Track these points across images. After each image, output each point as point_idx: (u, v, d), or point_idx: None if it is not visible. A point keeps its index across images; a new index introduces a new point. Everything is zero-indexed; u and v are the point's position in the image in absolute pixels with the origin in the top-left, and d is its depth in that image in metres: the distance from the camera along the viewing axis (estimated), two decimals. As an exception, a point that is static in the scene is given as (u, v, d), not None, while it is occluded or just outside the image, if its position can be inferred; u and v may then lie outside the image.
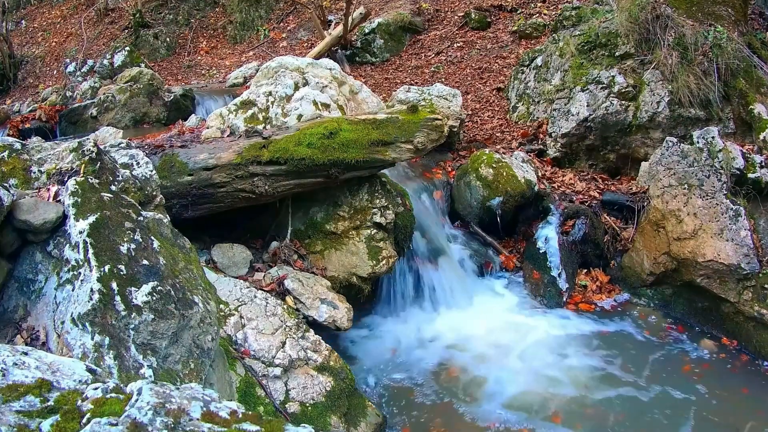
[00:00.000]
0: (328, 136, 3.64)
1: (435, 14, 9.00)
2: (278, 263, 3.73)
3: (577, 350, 3.92)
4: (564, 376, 3.66)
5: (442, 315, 4.26)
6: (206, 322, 2.03)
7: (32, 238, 1.99)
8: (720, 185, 4.12)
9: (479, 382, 3.60)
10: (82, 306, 1.75)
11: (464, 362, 3.80)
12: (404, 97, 5.77)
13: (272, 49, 9.36)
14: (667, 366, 3.77)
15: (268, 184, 3.56)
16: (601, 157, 5.34)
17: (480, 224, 4.88)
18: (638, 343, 4.01)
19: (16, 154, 2.34)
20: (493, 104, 6.62)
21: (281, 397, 2.77)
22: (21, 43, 10.67)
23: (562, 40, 5.75)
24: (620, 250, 4.73)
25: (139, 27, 9.92)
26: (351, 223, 3.93)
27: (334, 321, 3.38)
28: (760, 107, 4.66)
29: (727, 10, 5.11)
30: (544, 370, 3.71)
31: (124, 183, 2.34)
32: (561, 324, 4.19)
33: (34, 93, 9.07)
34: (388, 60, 8.33)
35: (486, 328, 4.11)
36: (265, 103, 4.55)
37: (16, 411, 1.05)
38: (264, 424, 1.10)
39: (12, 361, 1.15)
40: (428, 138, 3.95)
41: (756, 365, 3.79)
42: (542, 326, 4.16)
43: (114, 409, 1.06)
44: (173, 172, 3.45)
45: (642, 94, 5.03)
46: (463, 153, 5.51)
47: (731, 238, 3.94)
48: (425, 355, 3.89)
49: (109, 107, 6.72)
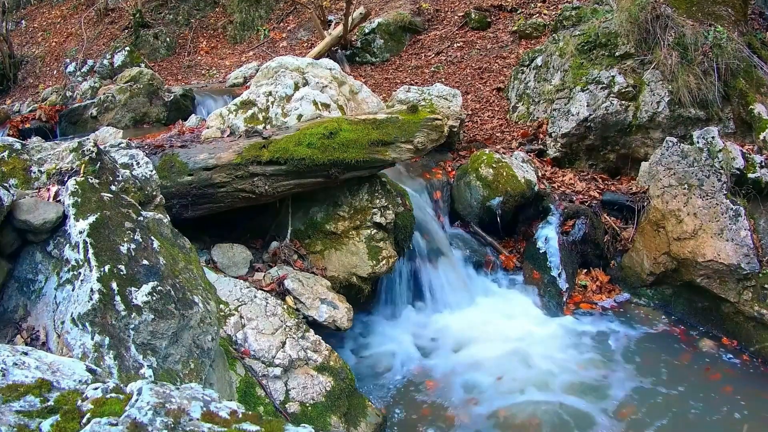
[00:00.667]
0: (328, 136, 3.64)
1: (435, 14, 9.00)
2: (278, 263, 3.73)
3: (577, 350, 3.92)
4: (564, 376, 3.65)
5: (442, 315, 4.26)
6: (206, 322, 2.03)
7: (32, 238, 1.99)
8: (720, 185, 4.12)
9: (479, 383, 3.60)
10: (82, 306, 1.75)
11: (464, 362, 3.80)
12: (404, 97, 5.76)
13: (272, 49, 9.36)
14: (667, 366, 3.76)
15: (268, 184, 3.56)
16: (601, 157, 5.34)
17: (480, 224, 4.88)
18: (638, 343, 4.01)
19: (16, 154, 2.34)
20: (493, 104, 6.62)
21: (281, 397, 2.77)
22: (21, 43, 10.67)
23: (562, 40, 5.75)
24: (620, 250, 4.73)
25: (139, 27, 9.92)
26: (351, 223, 3.93)
27: (334, 321, 3.38)
28: (760, 107, 4.66)
29: (727, 10, 5.11)
30: (544, 370, 3.71)
31: (124, 183, 2.34)
32: (561, 324, 4.19)
33: (34, 93, 9.07)
34: (388, 60, 8.33)
35: (486, 329, 4.10)
36: (265, 103, 4.55)
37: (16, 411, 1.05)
38: (264, 424, 1.10)
39: (12, 361, 1.15)
40: (428, 138, 3.95)
41: (756, 365, 3.78)
42: (542, 326, 4.16)
43: (114, 409, 1.06)
44: (173, 172, 3.45)
45: (642, 94, 5.03)
46: (463, 153, 5.51)
47: (731, 238, 3.94)
48: (425, 355, 3.89)
49: (109, 107, 6.72)
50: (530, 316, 4.27)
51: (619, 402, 3.43)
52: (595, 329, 4.14)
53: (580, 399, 3.45)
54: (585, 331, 4.12)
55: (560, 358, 3.82)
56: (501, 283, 4.62)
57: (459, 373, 3.70)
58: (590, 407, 3.39)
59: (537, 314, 4.30)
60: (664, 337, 4.09)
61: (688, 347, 3.97)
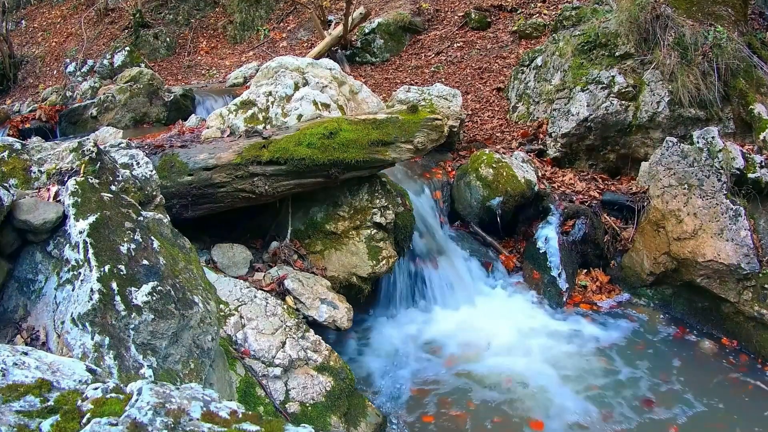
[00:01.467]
0: (328, 136, 3.64)
1: (435, 14, 9.00)
2: (278, 263, 3.73)
3: (577, 350, 3.91)
4: (564, 376, 3.65)
5: (442, 315, 4.26)
6: (206, 322, 2.03)
7: (32, 238, 1.99)
8: (720, 185, 4.12)
9: (479, 383, 3.60)
10: (82, 306, 1.75)
11: (464, 362, 3.80)
12: (404, 97, 5.76)
13: (272, 49, 9.36)
14: (667, 366, 3.77)
15: (268, 184, 3.56)
16: (601, 157, 5.34)
17: (480, 224, 4.88)
18: (638, 344, 4.01)
19: (16, 154, 2.34)
20: (493, 104, 6.62)
21: (281, 397, 2.76)
22: (21, 43, 10.67)
23: (562, 40, 5.75)
24: (620, 250, 4.73)
25: (139, 27, 9.92)
26: (351, 223, 3.93)
27: (334, 321, 3.38)
28: (760, 107, 4.66)
29: (727, 10, 5.11)
30: (544, 370, 3.71)
31: (124, 183, 2.34)
32: (561, 324, 4.19)
33: (34, 93, 9.07)
34: (388, 60, 8.33)
35: (486, 329, 4.10)
36: (265, 103, 4.55)
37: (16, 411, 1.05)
38: (264, 424, 1.10)
39: (12, 361, 1.15)
40: (428, 138, 3.95)
41: (756, 365, 3.78)
42: (542, 326, 4.16)
43: (114, 409, 1.06)
44: (173, 172, 3.45)
45: (642, 94, 5.03)
46: (463, 153, 5.51)
47: (731, 238, 3.94)
48: (425, 356, 3.89)
49: (109, 107, 6.72)
50: (530, 316, 4.27)
51: (618, 401, 3.43)
52: (595, 329, 4.14)
53: (580, 399, 3.45)
54: (585, 331, 4.12)
55: (560, 359, 3.82)
56: (501, 284, 4.62)
57: (459, 373, 3.70)
58: (590, 407, 3.39)
59: (537, 314, 4.30)
60: (663, 337, 4.09)
61: (687, 347, 3.97)
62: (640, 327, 4.19)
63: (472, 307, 4.35)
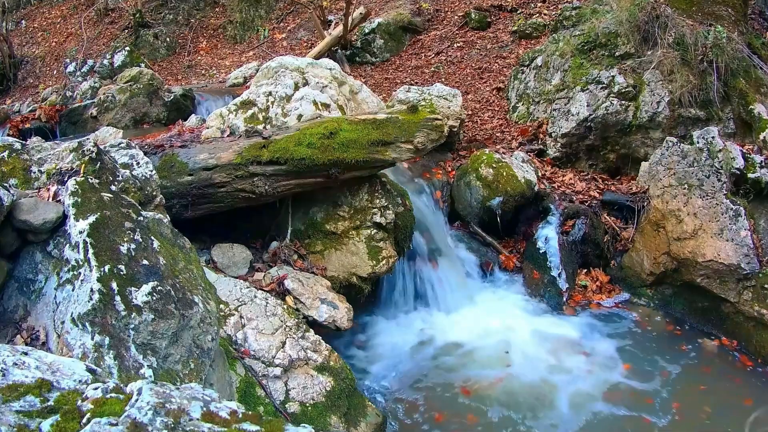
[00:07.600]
0: (328, 136, 3.64)
1: (435, 14, 9.00)
2: (278, 263, 3.73)
3: (576, 350, 3.92)
4: (564, 376, 3.65)
5: (442, 315, 4.26)
6: (206, 322, 2.03)
7: (32, 238, 1.99)
8: (720, 185, 4.12)
9: (479, 382, 3.60)
10: (82, 306, 1.75)
11: (464, 363, 3.80)
12: (404, 97, 5.76)
13: (272, 49, 9.36)
14: (667, 366, 3.77)
15: (268, 184, 3.56)
16: (601, 157, 5.34)
17: (480, 224, 4.88)
18: (638, 343, 4.01)
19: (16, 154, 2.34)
20: (493, 104, 6.62)
21: (281, 397, 2.76)
22: (21, 43, 10.66)
23: (562, 40, 5.75)
24: (620, 250, 4.73)
25: (139, 27, 9.92)
26: (351, 223, 3.93)
27: (334, 321, 3.37)
28: (760, 107, 4.66)
29: (727, 10, 5.11)
30: (544, 370, 3.71)
31: (124, 183, 2.34)
32: (561, 324, 4.19)
33: (34, 93, 9.07)
34: (388, 60, 8.33)
35: (486, 329, 4.11)
36: (265, 103, 4.55)
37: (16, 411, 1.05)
38: (264, 424, 1.10)
39: (12, 361, 1.15)
40: (428, 138, 3.95)
41: (756, 365, 3.78)
42: (542, 326, 4.16)
43: (114, 409, 1.06)
44: (173, 172, 3.45)
45: (642, 94, 5.03)
46: (463, 153, 5.51)
47: (731, 238, 3.94)
48: (425, 356, 3.89)
49: (109, 107, 6.72)
50: (530, 316, 4.27)
51: (618, 402, 3.43)
52: (594, 329, 4.14)
53: (579, 399, 3.45)
54: (585, 331, 4.12)
55: (560, 358, 3.82)
56: (501, 283, 4.62)
57: (459, 373, 3.70)
58: (589, 406, 3.39)
59: (537, 314, 4.30)
60: (664, 337, 4.09)
61: (687, 347, 3.97)
62: (639, 327, 4.19)
63: (472, 306, 4.35)
